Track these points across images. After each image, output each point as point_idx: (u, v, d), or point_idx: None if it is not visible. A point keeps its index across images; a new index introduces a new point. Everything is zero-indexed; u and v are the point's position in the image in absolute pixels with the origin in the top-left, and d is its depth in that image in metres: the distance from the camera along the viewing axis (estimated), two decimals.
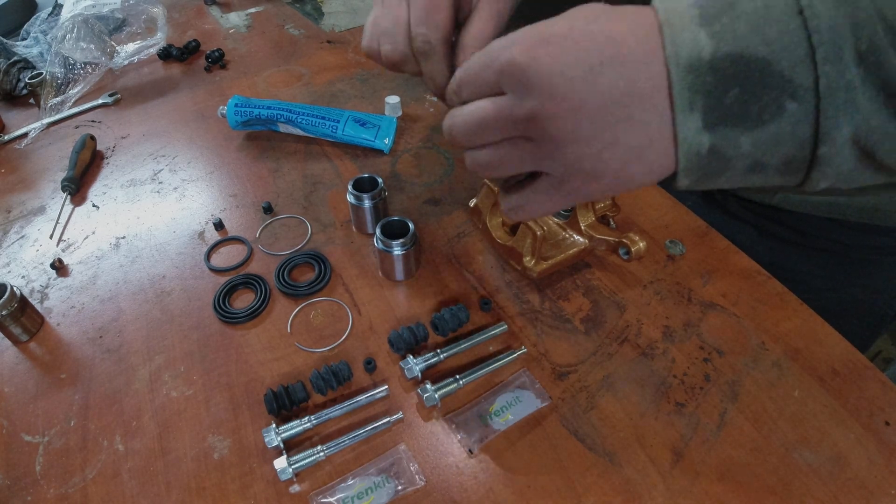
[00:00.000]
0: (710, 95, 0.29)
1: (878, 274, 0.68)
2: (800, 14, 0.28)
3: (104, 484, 0.47)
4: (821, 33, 0.27)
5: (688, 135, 0.30)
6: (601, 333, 0.56)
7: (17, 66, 0.97)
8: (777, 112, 0.29)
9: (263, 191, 0.74)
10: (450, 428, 0.50)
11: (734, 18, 0.29)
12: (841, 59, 0.27)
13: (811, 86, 0.28)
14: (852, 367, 0.52)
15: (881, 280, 0.68)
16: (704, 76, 0.29)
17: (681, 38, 0.29)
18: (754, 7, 0.29)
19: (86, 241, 0.70)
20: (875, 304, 0.70)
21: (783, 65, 0.28)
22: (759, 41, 0.28)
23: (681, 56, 0.29)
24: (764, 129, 0.29)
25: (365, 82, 0.95)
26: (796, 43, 0.28)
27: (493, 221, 0.62)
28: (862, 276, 0.68)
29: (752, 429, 0.48)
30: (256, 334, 0.58)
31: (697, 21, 0.29)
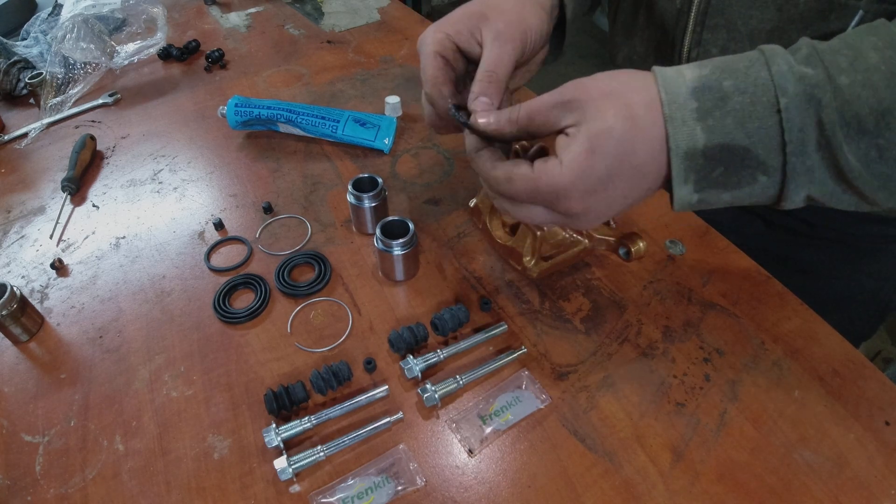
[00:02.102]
0: (701, 173, 0.38)
1: (885, 262, 0.69)
2: (777, 113, 0.35)
3: (104, 484, 0.47)
4: (791, 132, 0.35)
5: (682, 196, 0.39)
6: (601, 333, 0.56)
7: (17, 66, 0.97)
8: (751, 181, 0.38)
9: (263, 191, 0.74)
10: (450, 428, 0.50)
11: (725, 114, 0.36)
12: (805, 150, 0.36)
13: (779, 167, 0.37)
14: (852, 367, 0.52)
15: (888, 268, 0.69)
16: (698, 160, 0.37)
17: (681, 133, 0.37)
18: (742, 104, 0.36)
19: (86, 241, 0.70)
20: (881, 291, 0.71)
21: (759, 152, 0.37)
22: (743, 135, 0.36)
23: (680, 147, 0.37)
24: (740, 190, 0.39)
25: (365, 82, 0.95)
26: (771, 136, 0.36)
27: (493, 221, 0.62)
28: (869, 264, 0.69)
29: (752, 429, 0.48)
30: (256, 334, 0.58)
31: (695, 116, 0.37)
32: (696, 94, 0.37)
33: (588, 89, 0.39)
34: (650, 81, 0.39)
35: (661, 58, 0.63)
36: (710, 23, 0.56)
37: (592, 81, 0.40)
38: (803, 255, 0.70)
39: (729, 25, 0.55)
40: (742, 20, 0.53)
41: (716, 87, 0.37)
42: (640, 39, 0.67)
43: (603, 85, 0.39)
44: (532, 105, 0.41)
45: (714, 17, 0.55)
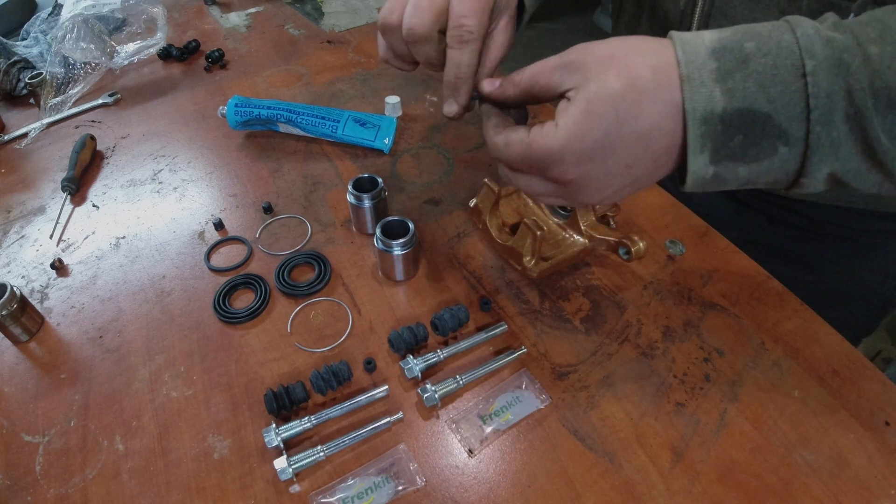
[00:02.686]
0: (718, 140, 0.35)
1: (886, 257, 0.69)
2: (803, 77, 0.33)
3: (104, 484, 0.47)
4: (818, 98, 0.32)
5: (696, 168, 0.36)
6: (601, 333, 0.56)
7: (17, 66, 0.97)
8: (771, 153, 0.35)
9: (263, 191, 0.74)
10: (450, 428, 0.50)
11: (746, 76, 0.34)
12: (831, 120, 0.33)
13: (802, 137, 0.34)
14: (852, 367, 0.52)
15: (889, 263, 0.69)
16: (715, 126, 0.34)
17: (698, 95, 0.34)
18: (764, 65, 0.33)
19: (86, 241, 0.70)
20: (882, 286, 0.72)
21: (781, 119, 0.34)
22: (765, 99, 0.33)
23: (697, 110, 0.34)
24: (759, 163, 0.36)
25: (365, 82, 0.95)
26: (795, 102, 0.33)
27: (493, 221, 0.62)
28: (869, 258, 0.69)
29: (752, 429, 0.48)
30: (256, 334, 0.58)
31: (714, 77, 0.34)
32: (716, 55, 0.34)
33: (593, 51, 0.37)
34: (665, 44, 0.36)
35: None
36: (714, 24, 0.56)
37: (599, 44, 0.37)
38: (805, 251, 0.70)
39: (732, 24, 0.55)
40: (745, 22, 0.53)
41: (737, 48, 0.34)
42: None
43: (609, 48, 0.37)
44: (535, 67, 0.39)
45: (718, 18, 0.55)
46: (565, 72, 0.37)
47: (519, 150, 0.39)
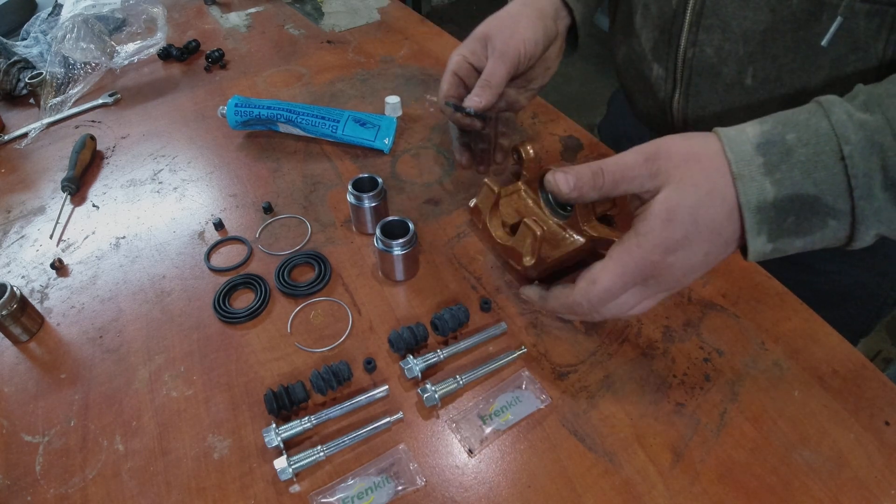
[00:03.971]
0: (773, 223, 0.39)
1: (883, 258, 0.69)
2: (841, 160, 0.37)
3: (104, 484, 0.47)
4: (857, 178, 0.37)
5: (756, 248, 0.41)
6: (601, 333, 0.56)
7: (17, 66, 0.97)
8: (822, 226, 0.40)
9: (263, 191, 0.74)
10: (450, 428, 0.50)
11: (791, 166, 0.38)
12: (871, 193, 0.37)
13: (848, 211, 0.38)
14: (852, 367, 0.52)
15: (886, 263, 0.69)
16: (769, 212, 0.39)
17: (750, 189, 0.39)
18: (807, 154, 0.38)
19: (86, 241, 0.70)
20: (880, 287, 0.72)
21: (828, 199, 0.38)
22: (811, 183, 0.38)
23: (751, 203, 0.39)
24: (812, 236, 0.40)
25: (365, 82, 0.95)
26: (838, 183, 0.38)
27: (493, 221, 0.62)
28: (867, 259, 0.69)
29: (752, 429, 0.48)
30: (256, 334, 0.58)
31: (762, 171, 0.38)
32: (762, 150, 0.39)
33: (671, 154, 0.41)
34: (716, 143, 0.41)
35: (658, 57, 0.64)
36: (706, 23, 0.56)
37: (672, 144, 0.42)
38: None
39: (724, 26, 0.55)
40: (736, 21, 0.54)
41: (779, 141, 0.39)
42: (637, 39, 0.68)
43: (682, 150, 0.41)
44: (618, 170, 0.42)
45: (709, 17, 0.56)
46: (646, 179, 0.42)
47: (611, 277, 0.42)
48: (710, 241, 0.41)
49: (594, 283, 0.43)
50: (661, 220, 0.40)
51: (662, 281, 0.43)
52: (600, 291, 0.43)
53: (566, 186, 0.44)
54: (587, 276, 0.44)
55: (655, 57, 0.65)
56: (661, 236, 0.40)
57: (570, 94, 0.58)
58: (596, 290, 0.43)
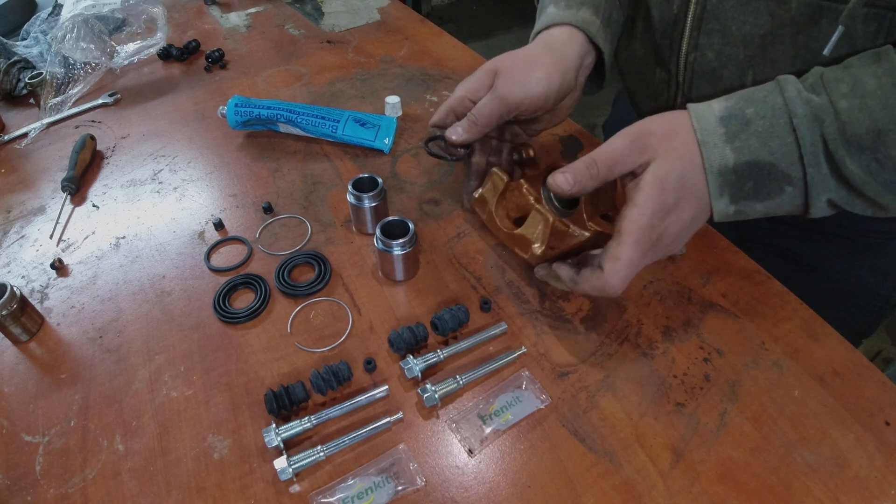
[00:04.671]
0: (734, 187, 0.45)
1: (884, 257, 0.69)
2: (793, 132, 0.42)
3: (104, 484, 0.47)
4: (805, 147, 0.42)
5: (719, 208, 0.46)
6: (601, 333, 0.56)
7: (17, 66, 0.97)
8: (779, 192, 0.45)
9: (263, 191, 0.74)
10: (450, 428, 0.50)
11: (749, 136, 0.44)
12: (819, 162, 0.43)
13: (801, 177, 0.44)
14: (852, 367, 0.52)
15: (887, 263, 0.70)
16: (729, 176, 0.44)
17: (713, 154, 0.44)
18: (763, 126, 0.43)
19: (86, 241, 0.70)
20: (881, 287, 0.72)
21: (783, 165, 0.43)
22: (767, 152, 0.43)
23: (713, 166, 0.45)
24: (771, 201, 0.45)
25: (365, 82, 0.95)
26: (791, 151, 0.43)
27: (499, 211, 0.61)
28: (868, 259, 0.69)
29: (752, 429, 0.48)
30: (256, 334, 0.58)
31: (724, 139, 0.44)
32: (724, 122, 0.44)
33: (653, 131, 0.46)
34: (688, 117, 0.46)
35: (660, 61, 0.64)
36: (706, 28, 0.56)
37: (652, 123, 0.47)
38: (803, 250, 0.70)
39: (724, 30, 0.55)
40: (736, 25, 0.54)
41: (740, 114, 0.44)
42: (639, 44, 0.68)
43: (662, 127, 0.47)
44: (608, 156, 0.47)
45: (709, 22, 0.56)
46: (635, 157, 0.46)
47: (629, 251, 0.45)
48: (695, 205, 0.46)
49: (618, 259, 0.46)
50: (656, 188, 0.45)
51: (661, 245, 0.47)
52: (626, 264, 0.46)
53: (566, 184, 0.48)
54: (609, 256, 0.46)
55: (657, 61, 0.65)
56: (658, 202, 0.45)
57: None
58: (622, 265, 0.46)
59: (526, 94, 0.57)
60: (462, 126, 0.58)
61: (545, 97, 0.58)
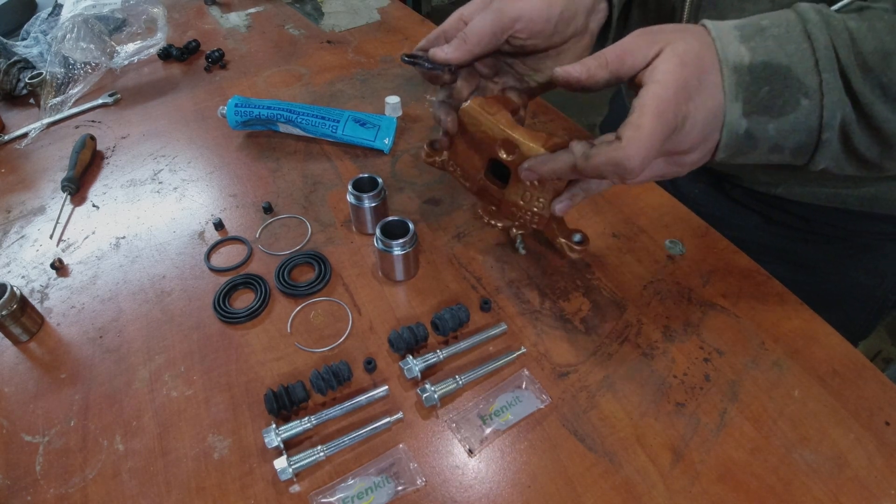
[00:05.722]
0: (749, 90, 0.41)
1: (881, 259, 0.69)
2: (808, 39, 0.40)
3: (104, 484, 0.47)
4: (819, 50, 0.40)
5: (732, 119, 0.41)
6: (601, 333, 0.56)
7: (17, 66, 0.97)
8: (795, 106, 0.41)
9: (263, 191, 0.74)
10: (450, 428, 0.50)
11: (765, 38, 0.41)
12: (833, 68, 0.40)
13: (817, 87, 0.40)
14: (852, 367, 0.52)
15: (884, 265, 0.69)
16: (745, 76, 0.41)
17: (729, 49, 0.41)
18: (778, 32, 0.41)
19: (86, 241, 0.70)
20: (877, 288, 0.72)
21: (798, 70, 0.40)
22: (783, 54, 0.40)
23: (729, 61, 0.41)
24: (785, 118, 0.41)
25: (365, 82, 0.95)
26: (807, 56, 0.40)
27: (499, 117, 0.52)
28: (865, 260, 0.69)
29: (752, 429, 0.48)
30: (256, 334, 0.58)
31: (738, 39, 0.41)
32: (738, 27, 0.42)
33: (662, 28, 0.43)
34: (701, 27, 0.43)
35: None
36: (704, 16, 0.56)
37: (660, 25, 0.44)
38: (800, 251, 0.70)
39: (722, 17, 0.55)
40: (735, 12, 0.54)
41: (754, 23, 0.42)
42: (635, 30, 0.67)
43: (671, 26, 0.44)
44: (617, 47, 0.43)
45: (707, 10, 0.56)
46: (649, 43, 0.42)
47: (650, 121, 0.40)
48: (714, 96, 0.41)
49: (640, 128, 0.40)
50: (675, 63, 0.40)
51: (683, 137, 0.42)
52: (648, 135, 0.40)
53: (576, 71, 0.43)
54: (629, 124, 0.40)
55: None
56: (681, 76, 0.40)
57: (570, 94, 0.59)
58: (643, 134, 0.40)
59: (525, 9, 0.50)
60: (451, 43, 0.51)
61: (546, 16, 0.51)
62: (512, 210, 0.54)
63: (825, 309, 0.56)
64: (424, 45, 0.54)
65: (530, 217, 0.54)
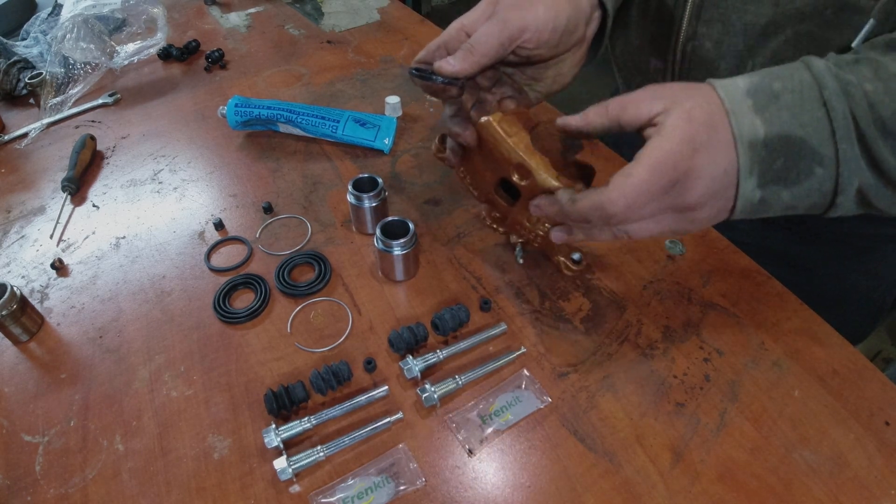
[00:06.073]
0: (763, 163, 0.40)
1: (879, 261, 0.69)
2: (823, 106, 0.39)
3: (104, 484, 0.47)
4: (837, 121, 0.38)
5: (745, 191, 0.41)
6: (601, 333, 0.56)
7: (17, 66, 0.97)
8: (809, 174, 0.40)
9: (263, 191, 0.74)
10: (450, 428, 0.50)
11: (779, 108, 0.40)
12: (850, 138, 0.39)
13: (833, 156, 0.39)
14: (852, 367, 0.52)
15: (882, 267, 0.69)
16: (760, 150, 0.40)
17: (743, 123, 0.40)
18: (792, 99, 0.40)
19: (86, 241, 0.70)
20: (875, 291, 0.71)
21: (814, 142, 0.39)
22: (798, 125, 0.39)
23: (744, 137, 0.40)
24: (800, 186, 0.41)
25: (365, 82, 0.95)
26: (822, 127, 0.39)
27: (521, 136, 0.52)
28: (863, 262, 0.69)
29: (752, 429, 0.48)
30: (256, 334, 0.58)
31: (753, 110, 0.40)
32: (751, 94, 0.40)
33: (670, 86, 0.43)
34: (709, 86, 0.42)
35: (656, 50, 0.63)
36: (706, 16, 0.56)
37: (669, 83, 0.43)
38: (798, 252, 0.70)
39: (724, 19, 0.55)
40: (737, 14, 0.54)
41: (767, 87, 0.40)
42: (635, 32, 0.67)
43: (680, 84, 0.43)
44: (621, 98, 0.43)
45: (709, 10, 0.56)
46: (654, 100, 0.41)
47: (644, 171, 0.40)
48: (726, 155, 0.40)
49: (629, 175, 0.40)
50: (682, 118, 0.40)
51: (684, 191, 0.41)
52: (636, 183, 0.40)
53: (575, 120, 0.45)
54: (620, 172, 0.41)
55: (653, 50, 0.64)
56: (687, 131, 0.40)
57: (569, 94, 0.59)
58: (630, 182, 0.40)
59: (531, 19, 0.50)
60: (457, 56, 0.49)
61: (552, 27, 0.50)
62: (517, 227, 0.56)
63: (823, 311, 0.56)
64: (425, 58, 0.53)
65: (534, 237, 0.56)
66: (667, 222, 0.44)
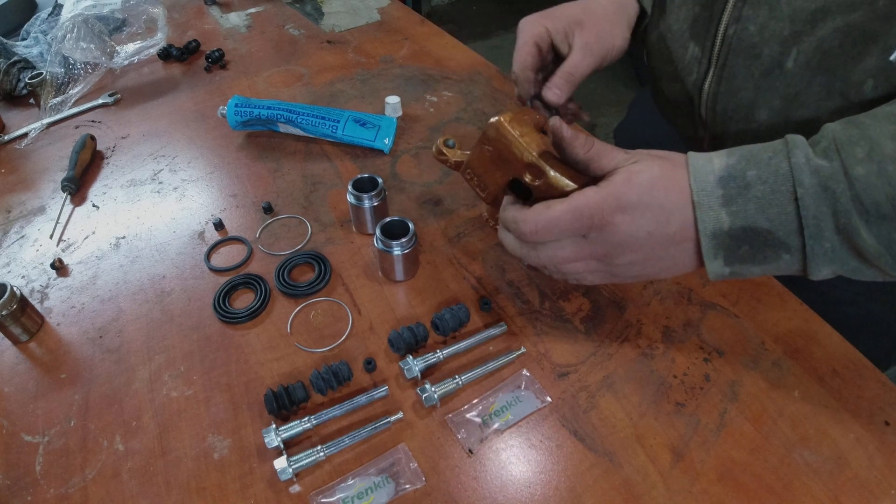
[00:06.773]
0: (728, 250, 0.42)
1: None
2: (795, 201, 0.39)
3: (104, 484, 0.47)
4: (808, 219, 0.39)
5: (713, 269, 0.44)
6: (601, 333, 0.56)
7: (17, 66, 0.97)
8: (776, 258, 0.42)
9: (263, 191, 0.74)
10: (450, 428, 0.50)
11: (747, 201, 0.41)
12: (822, 234, 0.40)
13: (800, 247, 0.41)
14: (852, 367, 0.52)
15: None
16: (724, 239, 0.42)
17: (708, 217, 0.42)
18: (763, 192, 0.40)
19: (86, 241, 0.70)
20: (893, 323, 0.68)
21: (780, 234, 0.41)
22: (764, 218, 0.41)
23: (707, 229, 0.42)
24: (767, 265, 0.43)
25: (365, 82, 0.95)
26: (790, 221, 0.40)
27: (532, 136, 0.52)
28: (882, 292, 0.66)
29: (752, 429, 0.48)
30: (256, 334, 0.58)
31: (720, 202, 0.41)
32: (722, 183, 0.42)
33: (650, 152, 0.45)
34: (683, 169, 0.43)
35: (695, 35, 0.61)
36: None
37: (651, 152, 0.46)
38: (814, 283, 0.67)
39: (771, 3, 0.52)
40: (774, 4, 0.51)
41: (740, 176, 0.41)
42: (674, 17, 0.64)
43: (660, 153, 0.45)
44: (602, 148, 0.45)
45: None
46: (624, 156, 0.45)
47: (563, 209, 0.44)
48: (656, 222, 0.43)
49: (549, 207, 0.44)
50: (622, 177, 0.43)
51: (601, 241, 0.44)
52: (549, 217, 0.44)
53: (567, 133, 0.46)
54: (545, 202, 0.45)
55: (693, 34, 0.61)
56: (618, 190, 0.43)
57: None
58: (547, 214, 0.44)
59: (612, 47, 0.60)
60: (558, 85, 0.59)
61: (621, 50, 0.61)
62: None
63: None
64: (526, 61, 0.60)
65: None
66: (593, 266, 0.47)
